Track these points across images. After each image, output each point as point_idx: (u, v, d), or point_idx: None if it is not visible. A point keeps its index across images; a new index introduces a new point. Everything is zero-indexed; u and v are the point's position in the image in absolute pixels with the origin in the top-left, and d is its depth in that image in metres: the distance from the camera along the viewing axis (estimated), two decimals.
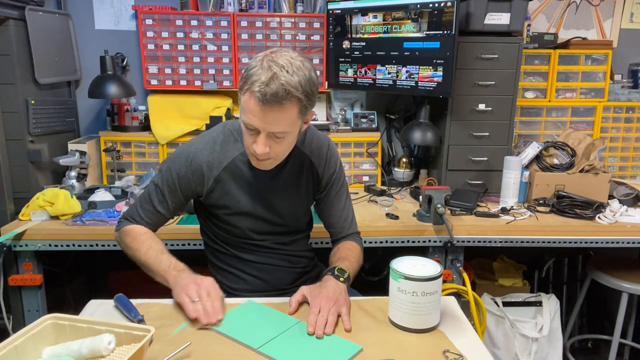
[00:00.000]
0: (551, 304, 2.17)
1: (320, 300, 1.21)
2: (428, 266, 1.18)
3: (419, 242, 1.91)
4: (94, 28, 2.51)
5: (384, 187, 2.37)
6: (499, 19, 2.03)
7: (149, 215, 1.40)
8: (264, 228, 1.41)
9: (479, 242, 1.91)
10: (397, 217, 1.97)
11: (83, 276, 2.56)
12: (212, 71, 2.39)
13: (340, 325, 1.18)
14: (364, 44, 2.24)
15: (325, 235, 1.56)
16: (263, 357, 1.06)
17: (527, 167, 2.19)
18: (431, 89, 2.05)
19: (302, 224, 1.51)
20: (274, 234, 1.43)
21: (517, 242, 1.92)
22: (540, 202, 2.12)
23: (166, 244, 1.35)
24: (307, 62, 1.22)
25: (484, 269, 2.54)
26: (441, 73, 2.00)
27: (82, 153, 2.20)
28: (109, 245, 1.83)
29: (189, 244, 1.83)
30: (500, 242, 1.92)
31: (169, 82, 2.40)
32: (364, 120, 2.50)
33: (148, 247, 1.32)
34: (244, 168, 1.36)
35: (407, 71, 2.12)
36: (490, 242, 1.91)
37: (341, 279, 1.30)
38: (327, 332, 1.14)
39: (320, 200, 1.50)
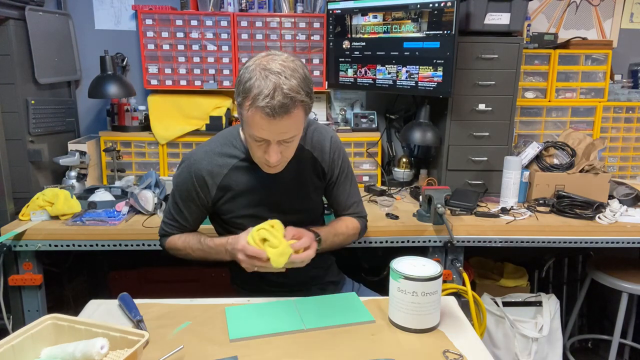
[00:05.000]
0: (551, 304, 2.17)
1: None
2: (428, 266, 1.18)
3: (419, 242, 1.90)
4: (94, 28, 2.51)
5: (384, 187, 2.37)
6: (499, 19, 2.03)
7: (173, 230, 1.46)
8: None
9: (479, 242, 1.91)
10: (397, 217, 1.97)
11: (83, 276, 2.56)
12: (212, 71, 2.39)
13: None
14: (364, 44, 2.24)
15: None
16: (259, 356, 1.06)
17: (527, 167, 2.19)
18: (431, 89, 2.05)
19: (313, 220, 1.52)
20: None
21: (517, 242, 1.91)
22: (540, 202, 2.12)
23: None
24: (298, 60, 1.23)
25: (484, 268, 2.54)
26: (441, 73, 2.00)
27: (82, 153, 2.20)
28: (109, 245, 1.83)
29: None
30: (500, 242, 1.92)
31: (169, 82, 2.40)
32: (364, 120, 2.50)
33: (190, 248, 1.42)
34: (246, 172, 1.37)
35: (407, 71, 2.12)
36: (490, 242, 1.91)
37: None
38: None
39: (327, 191, 1.53)
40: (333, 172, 1.49)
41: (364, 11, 2.19)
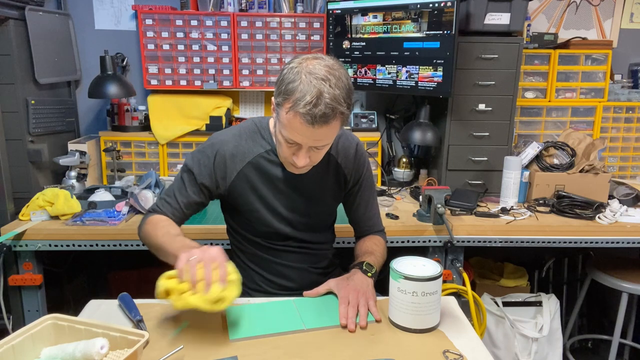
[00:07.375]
0: (551, 304, 2.17)
1: (348, 292, 1.24)
2: (428, 266, 1.18)
3: (419, 242, 1.91)
4: (94, 28, 2.51)
5: (384, 187, 2.37)
6: (499, 19, 2.03)
7: (165, 208, 1.36)
8: (286, 227, 1.40)
9: (479, 242, 1.91)
10: (397, 217, 1.97)
11: (83, 276, 2.56)
12: (212, 71, 2.39)
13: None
14: (364, 44, 2.24)
15: (348, 235, 1.58)
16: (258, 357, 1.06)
17: (527, 167, 2.19)
18: (431, 89, 2.05)
19: (326, 225, 1.51)
20: (297, 233, 1.42)
21: (517, 242, 1.91)
22: (540, 202, 2.12)
23: None
24: (343, 69, 1.18)
25: (484, 268, 2.54)
26: (441, 73, 2.00)
27: (82, 153, 2.20)
28: (109, 245, 1.83)
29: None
30: (500, 242, 1.92)
31: (169, 82, 2.40)
32: (364, 120, 2.50)
33: (165, 232, 1.26)
34: (269, 166, 1.35)
35: (407, 71, 2.12)
36: (490, 242, 1.91)
37: (369, 274, 1.33)
38: (361, 325, 1.17)
39: (347, 200, 1.50)
40: (355, 180, 1.46)
41: (364, 11, 2.19)
